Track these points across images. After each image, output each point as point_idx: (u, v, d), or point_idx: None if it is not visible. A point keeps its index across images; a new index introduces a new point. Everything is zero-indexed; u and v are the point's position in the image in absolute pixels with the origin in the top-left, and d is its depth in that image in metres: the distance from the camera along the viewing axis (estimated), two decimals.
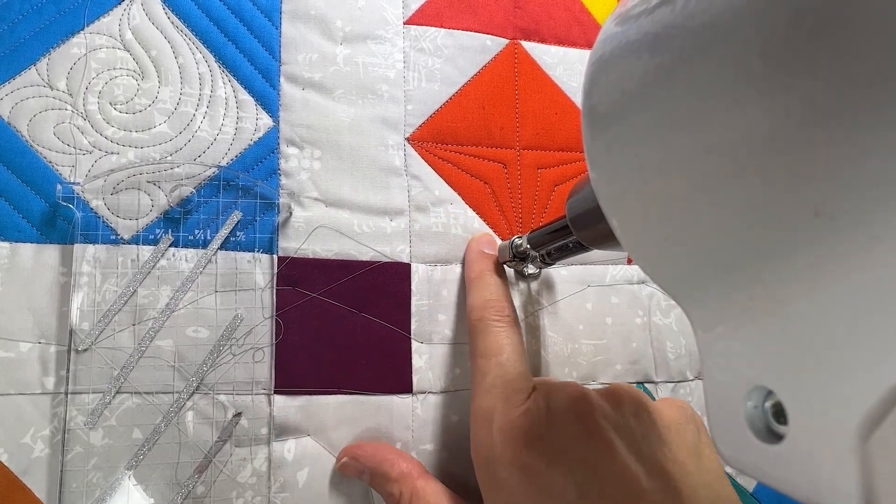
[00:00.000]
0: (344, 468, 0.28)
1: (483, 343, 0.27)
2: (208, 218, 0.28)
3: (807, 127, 0.10)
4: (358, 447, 0.28)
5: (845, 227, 0.10)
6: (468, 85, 0.33)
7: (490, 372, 0.26)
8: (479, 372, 0.27)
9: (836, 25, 0.09)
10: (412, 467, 0.27)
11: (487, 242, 0.31)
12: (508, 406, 0.24)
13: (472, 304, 0.29)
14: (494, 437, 0.24)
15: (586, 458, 0.22)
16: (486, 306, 0.28)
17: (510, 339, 0.27)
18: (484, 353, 0.27)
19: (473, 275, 0.30)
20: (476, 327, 0.28)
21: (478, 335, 0.28)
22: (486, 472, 0.24)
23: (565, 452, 0.23)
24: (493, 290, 0.29)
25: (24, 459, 0.25)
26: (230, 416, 0.27)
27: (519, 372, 0.26)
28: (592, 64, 0.16)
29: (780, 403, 0.12)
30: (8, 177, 0.26)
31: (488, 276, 0.30)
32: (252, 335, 0.28)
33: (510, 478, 0.23)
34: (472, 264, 0.31)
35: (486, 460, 0.24)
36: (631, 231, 0.16)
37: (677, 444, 0.24)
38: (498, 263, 0.30)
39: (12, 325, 0.25)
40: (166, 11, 0.29)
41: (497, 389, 0.25)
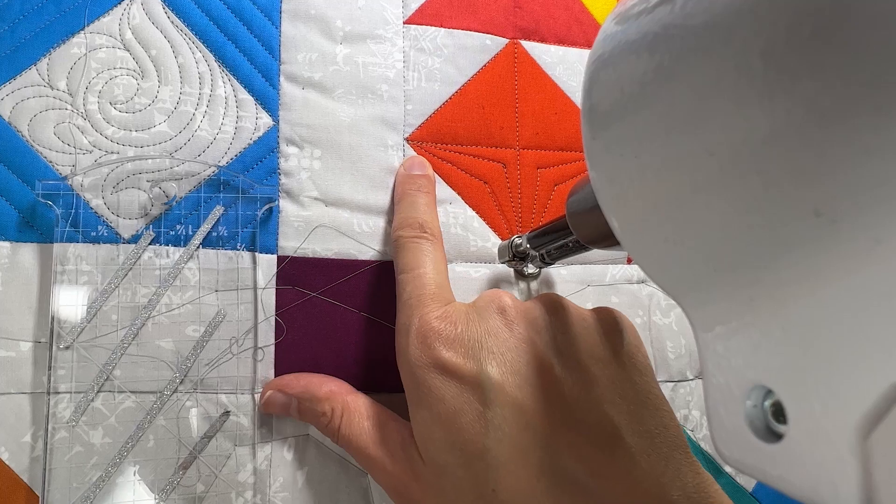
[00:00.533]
0: (269, 403, 0.27)
1: (402, 260, 0.27)
2: (190, 214, 0.28)
3: (807, 127, 0.10)
4: (280, 379, 0.27)
5: (845, 228, 0.10)
6: (468, 85, 0.33)
7: (408, 284, 0.26)
8: (398, 287, 0.27)
9: (837, 26, 0.09)
10: (340, 385, 0.27)
11: (417, 164, 0.31)
12: (425, 311, 0.24)
13: (393, 225, 0.29)
14: (412, 341, 0.24)
15: (501, 349, 0.23)
16: (403, 224, 0.28)
17: (429, 255, 0.27)
18: (402, 269, 0.27)
19: (397, 196, 0.30)
20: (395, 245, 0.28)
21: (397, 252, 0.28)
22: (409, 378, 0.24)
23: (480, 344, 0.23)
24: (416, 208, 0.29)
25: (24, 458, 0.25)
26: (223, 414, 0.27)
27: (437, 283, 0.26)
28: (592, 63, 0.16)
29: (780, 403, 0.12)
30: (8, 176, 0.26)
31: (412, 194, 0.29)
32: (252, 335, 0.28)
33: (430, 376, 0.23)
34: (397, 186, 0.30)
35: (406, 366, 0.24)
36: (631, 231, 0.16)
37: (598, 342, 0.24)
38: (429, 184, 0.30)
39: (12, 324, 0.25)
40: (166, 11, 0.29)
41: (413, 300, 0.25)
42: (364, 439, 0.25)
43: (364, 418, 0.25)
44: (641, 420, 0.22)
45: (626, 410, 0.22)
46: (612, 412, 0.22)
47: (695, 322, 0.15)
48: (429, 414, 0.23)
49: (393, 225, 0.29)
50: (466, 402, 0.22)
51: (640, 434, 0.22)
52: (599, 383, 0.23)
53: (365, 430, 0.25)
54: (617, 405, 0.22)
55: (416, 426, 0.24)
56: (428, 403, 0.23)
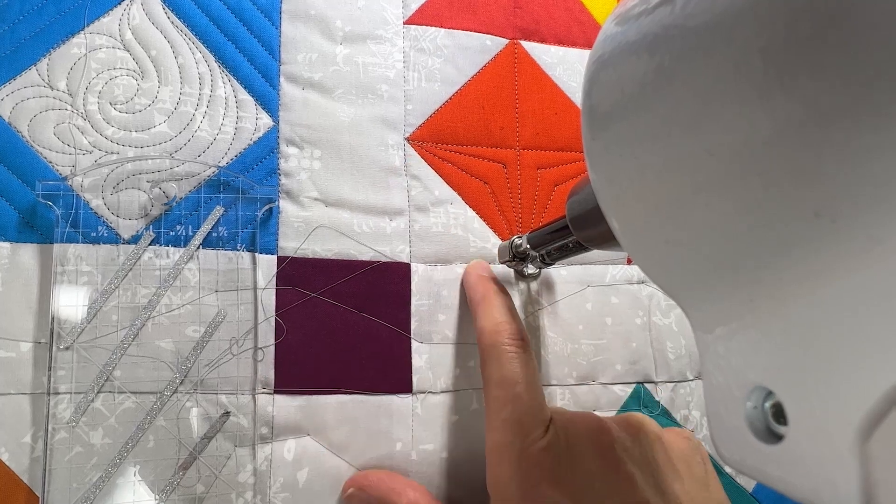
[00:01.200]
0: (350, 500, 0.27)
1: (498, 372, 0.26)
2: (190, 214, 0.28)
3: (807, 127, 0.10)
4: (364, 477, 0.27)
5: (845, 228, 0.10)
6: (468, 85, 0.33)
7: (507, 404, 0.25)
8: (494, 402, 0.25)
9: (837, 26, 0.09)
10: (419, 496, 0.26)
11: (484, 268, 0.31)
12: (527, 441, 0.23)
13: (483, 327, 0.27)
14: (512, 472, 0.23)
15: (609, 492, 0.22)
16: (497, 329, 0.26)
17: (525, 368, 0.25)
18: (500, 384, 0.25)
19: (478, 296, 0.29)
20: (489, 353, 0.26)
21: (492, 362, 0.26)
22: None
23: (588, 487, 0.22)
24: (502, 312, 0.27)
25: (24, 459, 0.25)
26: (223, 415, 0.27)
27: (536, 404, 0.25)
28: (592, 64, 0.16)
29: (780, 404, 0.12)
30: (8, 177, 0.26)
31: (494, 296, 0.28)
32: (252, 335, 0.28)
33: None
34: (476, 286, 0.29)
35: (503, 496, 0.23)
36: (631, 231, 0.16)
37: (687, 475, 0.24)
38: (500, 285, 0.29)
39: (12, 325, 0.25)
40: (166, 11, 0.29)
41: (512, 423, 0.24)
42: None
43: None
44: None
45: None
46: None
47: (695, 323, 0.15)
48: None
49: (483, 326, 0.27)
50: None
51: None
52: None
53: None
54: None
55: None
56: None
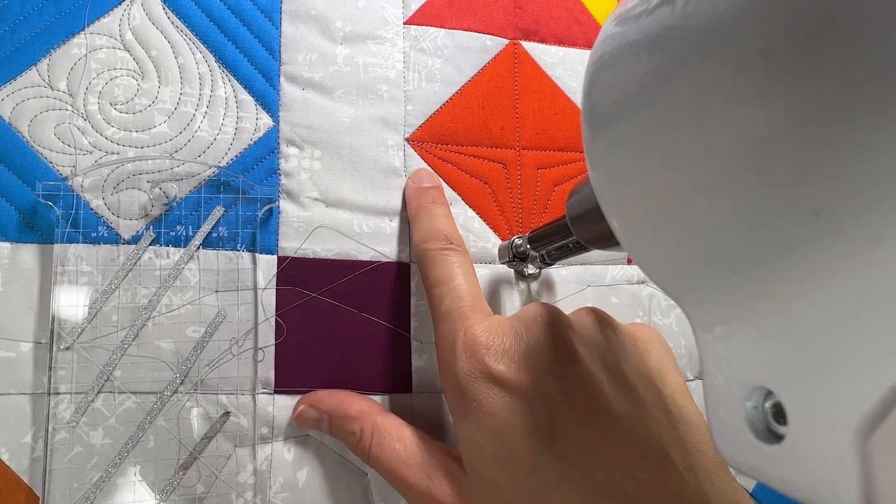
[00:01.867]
0: (301, 418, 0.27)
1: (432, 273, 0.27)
2: (190, 215, 0.28)
3: (807, 127, 0.10)
4: (314, 394, 0.28)
5: (845, 228, 0.10)
6: (468, 85, 0.33)
7: (445, 298, 0.26)
8: (433, 301, 0.27)
9: (837, 26, 0.09)
10: (371, 405, 0.27)
11: (426, 177, 0.31)
12: (470, 323, 0.24)
13: (415, 238, 0.29)
14: (459, 354, 0.24)
15: (552, 365, 0.22)
16: (427, 237, 0.28)
17: (460, 266, 0.27)
18: (435, 283, 0.27)
19: (413, 210, 0.30)
20: (422, 259, 0.28)
21: (426, 266, 0.27)
22: (455, 391, 0.24)
23: (531, 360, 0.23)
24: (436, 220, 0.28)
25: (24, 459, 0.25)
26: (223, 415, 0.27)
27: (474, 295, 0.26)
28: (592, 64, 0.16)
29: (780, 404, 0.12)
30: (8, 177, 0.26)
31: (428, 207, 0.29)
32: (252, 335, 0.28)
33: (479, 390, 0.23)
34: (411, 200, 0.30)
35: (453, 380, 0.24)
36: (631, 231, 0.16)
37: (640, 358, 0.24)
38: (441, 194, 0.30)
39: (13, 325, 0.26)
40: (166, 11, 0.29)
41: (454, 313, 0.25)
42: (397, 461, 0.24)
43: (395, 440, 0.25)
44: (685, 438, 0.22)
45: (671, 429, 0.22)
46: (660, 430, 0.22)
47: (695, 322, 0.15)
48: (478, 428, 0.22)
49: (415, 239, 0.29)
50: (519, 417, 0.22)
51: (685, 453, 0.22)
52: (646, 400, 0.22)
53: (397, 452, 0.25)
54: (663, 424, 0.22)
55: (462, 440, 0.23)
56: (477, 417, 0.22)
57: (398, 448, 0.25)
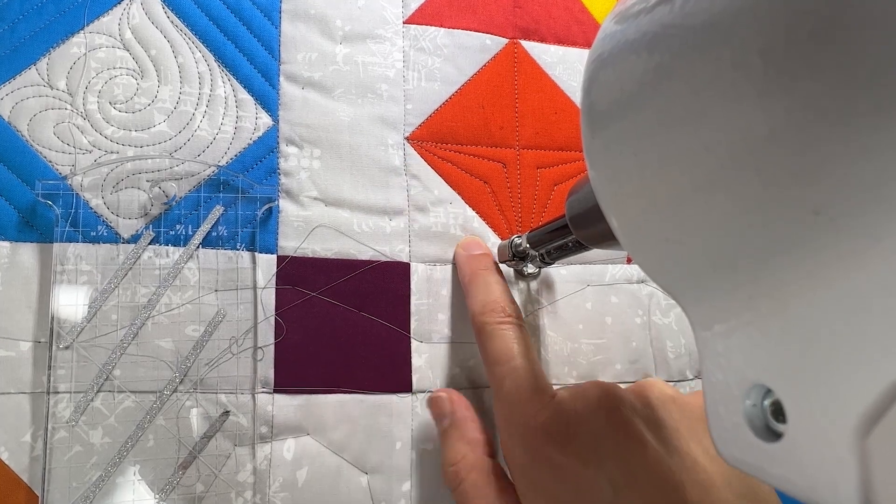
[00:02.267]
0: (436, 402, 0.28)
1: (492, 349, 0.26)
2: (190, 214, 0.28)
3: (806, 126, 0.10)
4: (457, 394, 0.28)
5: (845, 227, 0.10)
6: (468, 84, 0.33)
7: (506, 379, 0.25)
8: (493, 379, 0.26)
9: (836, 26, 0.09)
10: (484, 440, 0.27)
11: (475, 244, 0.31)
12: (532, 409, 0.24)
13: (473, 309, 0.28)
14: (518, 440, 0.23)
15: (618, 453, 0.22)
16: (486, 309, 0.27)
17: (518, 341, 0.26)
18: (496, 361, 0.26)
19: (468, 278, 0.29)
20: (482, 333, 0.27)
21: (486, 342, 0.27)
22: (522, 479, 0.23)
23: (596, 449, 0.22)
24: (491, 291, 0.28)
25: (24, 458, 0.25)
26: (222, 414, 0.27)
27: (535, 374, 0.25)
28: (592, 62, 0.16)
29: (779, 402, 0.12)
30: (8, 176, 0.26)
31: (483, 275, 0.29)
32: (251, 334, 0.28)
33: (544, 481, 0.22)
34: (464, 267, 0.30)
35: (519, 468, 0.24)
36: (630, 230, 0.16)
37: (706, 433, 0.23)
38: (492, 261, 0.30)
39: (12, 324, 0.26)
40: (166, 11, 0.29)
41: (514, 395, 0.24)
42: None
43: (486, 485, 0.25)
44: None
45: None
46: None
47: (694, 320, 0.15)
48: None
49: (473, 309, 0.28)
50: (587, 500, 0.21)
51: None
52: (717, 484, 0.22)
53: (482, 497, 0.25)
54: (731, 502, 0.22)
55: None
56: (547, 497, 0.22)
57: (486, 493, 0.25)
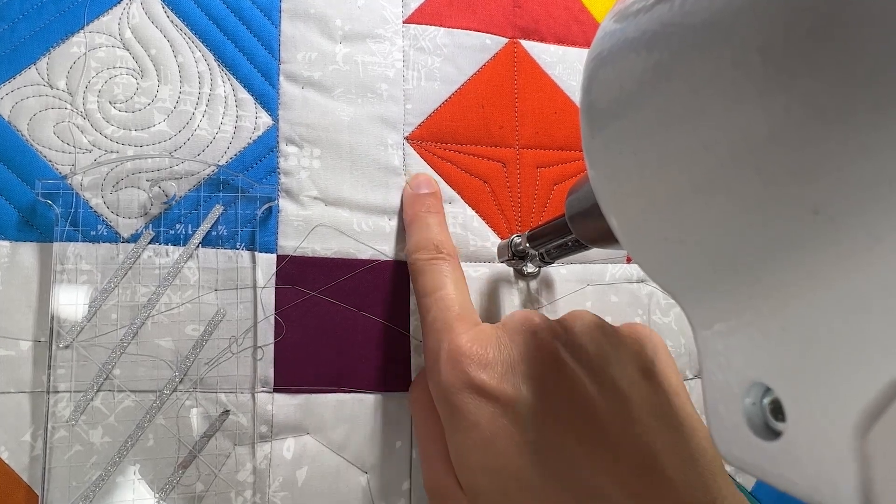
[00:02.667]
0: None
1: (421, 282, 0.27)
2: (190, 213, 0.28)
3: (806, 125, 0.10)
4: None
5: (844, 226, 0.10)
6: (467, 84, 0.33)
7: (432, 307, 0.26)
8: (422, 310, 0.27)
9: (836, 24, 0.09)
10: None
11: (424, 182, 0.31)
12: (454, 334, 0.24)
13: (408, 248, 0.29)
14: (443, 365, 0.24)
15: (535, 372, 0.22)
16: (418, 247, 0.28)
17: (449, 275, 0.27)
18: (423, 292, 0.27)
19: (407, 218, 0.30)
20: (413, 269, 0.28)
21: (416, 276, 0.28)
22: (442, 402, 0.24)
23: (513, 368, 0.23)
24: (426, 230, 0.29)
25: (24, 457, 0.25)
26: (222, 413, 0.27)
27: (461, 304, 0.26)
28: (591, 61, 0.16)
29: (779, 400, 0.12)
30: (8, 176, 0.26)
31: (423, 216, 0.29)
32: (251, 334, 0.28)
33: (464, 401, 0.23)
34: (406, 208, 0.30)
35: (439, 391, 0.24)
36: (629, 229, 0.16)
37: (632, 361, 0.24)
38: (435, 202, 0.30)
39: (12, 323, 0.26)
40: (166, 10, 0.29)
41: (440, 322, 0.25)
42: None
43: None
44: (677, 443, 0.22)
45: (662, 434, 0.22)
46: (649, 436, 0.21)
47: (694, 320, 0.15)
48: (464, 438, 0.22)
49: (407, 248, 0.29)
50: (502, 427, 0.22)
51: (677, 458, 0.21)
52: (634, 405, 0.22)
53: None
54: (653, 428, 0.22)
55: (452, 451, 0.23)
56: (463, 428, 0.22)
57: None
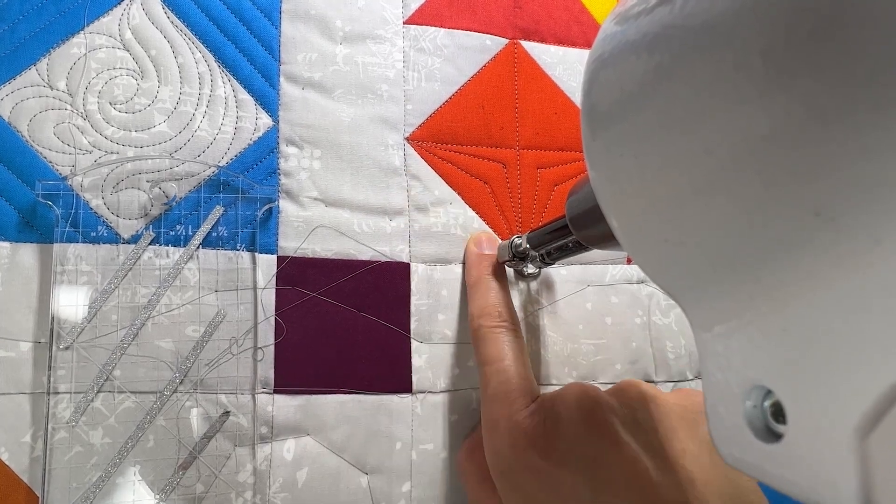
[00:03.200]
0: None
1: (484, 351, 0.27)
2: (190, 214, 0.28)
3: (807, 126, 0.10)
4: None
5: (845, 228, 0.10)
6: (468, 85, 0.33)
7: (492, 379, 0.26)
8: (482, 379, 0.26)
9: (837, 25, 0.09)
10: None
11: (486, 241, 0.31)
12: (512, 410, 0.24)
13: (472, 312, 0.29)
14: (502, 443, 0.24)
15: (594, 454, 0.22)
16: (483, 313, 0.28)
17: (510, 345, 0.27)
18: (485, 361, 0.27)
19: (472, 280, 0.30)
20: (476, 335, 0.28)
21: (479, 343, 0.27)
22: (502, 479, 0.24)
23: (572, 450, 0.22)
24: (491, 296, 0.28)
25: (24, 458, 0.25)
26: (223, 414, 0.27)
27: (521, 376, 0.25)
28: (592, 63, 0.16)
29: (779, 403, 0.12)
30: (8, 176, 0.26)
31: (486, 280, 0.29)
32: (251, 335, 0.28)
33: (523, 482, 0.22)
34: (471, 269, 0.30)
35: (498, 469, 0.24)
36: (630, 231, 0.16)
37: (688, 434, 0.23)
38: (498, 264, 0.30)
39: (12, 324, 0.25)
40: (166, 11, 0.29)
41: (500, 396, 0.25)
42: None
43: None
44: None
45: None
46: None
47: (694, 321, 0.15)
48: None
49: (470, 311, 0.29)
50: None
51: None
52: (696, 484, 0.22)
53: None
54: None
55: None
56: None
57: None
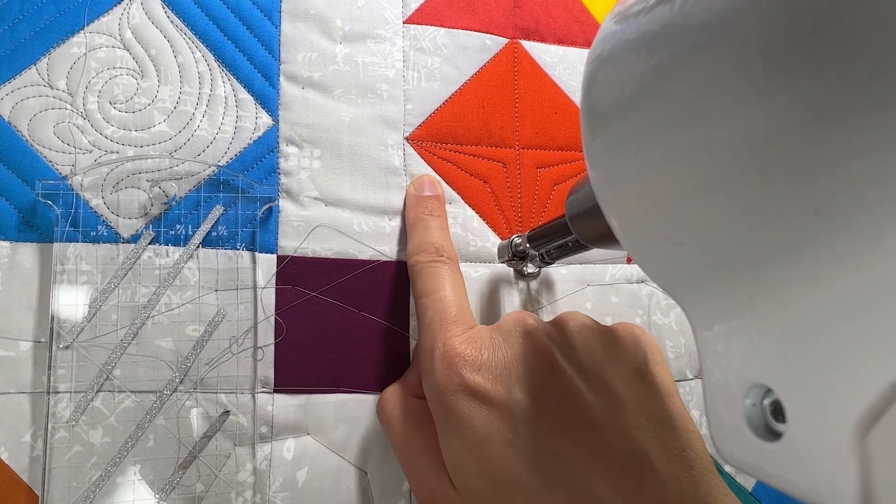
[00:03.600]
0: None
1: (420, 285, 0.27)
2: (190, 214, 0.28)
3: (807, 126, 0.10)
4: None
5: (845, 227, 0.10)
6: (468, 84, 0.33)
7: (429, 309, 0.26)
8: (419, 312, 0.27)
9: (837, 25, 0.09)
10: None
11: (428, 184, 0.31)
12: (449, 335, 0.24)
13: (409, 250, 0.29)
14: (437, 366, 0.24)
15: (529, 374, 0.23)
16: (419, 250, 0.28)
17: (448, 277, 0.27)
18: (422, 294, 0.27)
19: (409, 220, 0.30)
20: (413, 270, 0.28)
21: (415, 278, 0.28)
22: (436, 404, 0.24)
23: (508, 370, 0.23)
24: (429, 233, 0.29)
25: (24, 458, 0.25)
26: (223, 414, 0.27)
27: (458, 306, 0.26)
28: (591, 62, 0.16)
29: (779, 401, 0.12)
30: (8, 176, 0.26)
31: (424, 219, 0.30)
32: (251, 334, 0.28)
33: (458, 403, 0.23)
34: (409, 210, 0.31)
35: (433, 392, 0.24)
36: (630, 230, 0.16)
37: (624, 361, 0.24)
38: (439, 205, 0.30)
39: (12, 324, 0.25)
40: (166, 11, 0.29)
41: (436, 324, 0.25)
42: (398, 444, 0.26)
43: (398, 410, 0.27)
44: (669, 443, 0.22)
45: (654, 434, 0.22)
46: (641, 437, 0.22)
47: (694, 321, 0.15)
48: (458, 441, 0.23)
49: (408, 250, 0.29)
50: (496, 430, 0.22)
51: (668, 458, 0.21)
52: (627, 406, 0.22)
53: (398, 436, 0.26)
54: (644, 429, 0.22)
55: (446, 453, 0.23)
56: (457, 430, 0.23)
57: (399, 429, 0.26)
